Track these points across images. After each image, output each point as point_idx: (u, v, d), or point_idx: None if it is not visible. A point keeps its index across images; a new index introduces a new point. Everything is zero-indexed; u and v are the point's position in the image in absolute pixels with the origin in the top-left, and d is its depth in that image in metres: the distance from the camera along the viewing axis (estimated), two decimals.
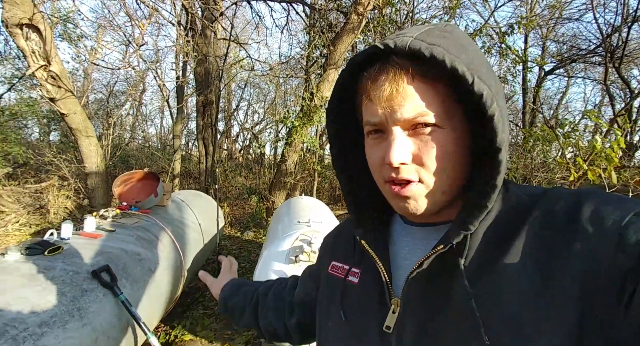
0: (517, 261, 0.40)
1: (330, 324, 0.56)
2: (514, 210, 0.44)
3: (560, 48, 10.89)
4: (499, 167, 0.41)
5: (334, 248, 0.65)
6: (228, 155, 13.29)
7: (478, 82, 0.39)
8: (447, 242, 0.43)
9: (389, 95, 0.42)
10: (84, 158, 4.41)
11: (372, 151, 0.48)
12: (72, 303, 1.60)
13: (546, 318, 0.36)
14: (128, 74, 11.46)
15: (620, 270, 0.34)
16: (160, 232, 2.71)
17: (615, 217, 0.37)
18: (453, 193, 0.47)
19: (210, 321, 3.17)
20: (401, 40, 0.41)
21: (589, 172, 2.80)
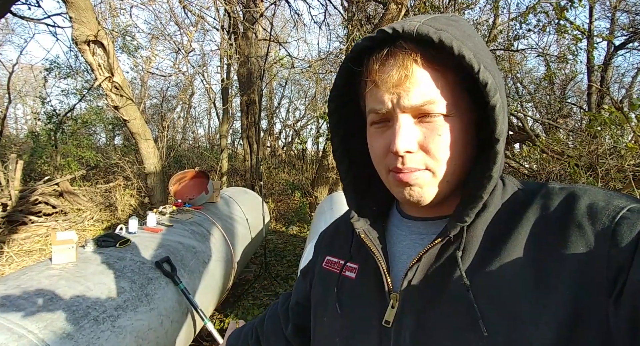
0: (514, 256, 0.40)
1: (326, 319, 0.56)
2: (511, 205, 0.44)
3: (633, 19, 9.63)
4: (495, 157, 0.41)
5: (330, 244, 0.64)
6: (271, 152, 13.70)
7: (483, 71, 0.39)
8: (445, 235, 0.43)
9: (397, 80, 0.41)
10: (144, 160, 4.83)
11: (376, 139, 0.46)
12: (141, 290, 1.79)
13: (542, 311, 0.36)
14: (178, 79, 12.28)
15: (612, 265, 0.34)
16: (212, 227, 2.91)
17: (609, 213, 0.37)
18: (456, 184, 0.46)
19: (260, 311, 3.34)
20: (409, 25, 0.40)
21: None
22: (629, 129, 4.66)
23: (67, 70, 8.72)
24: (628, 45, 9.92)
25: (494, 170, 0.41)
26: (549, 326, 0.36)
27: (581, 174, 3.47)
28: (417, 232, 0.51)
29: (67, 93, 9.29)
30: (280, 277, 4.14)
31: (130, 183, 6.26)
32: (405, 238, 0.52)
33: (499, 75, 0.42)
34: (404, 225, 0.54)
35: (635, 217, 0.35)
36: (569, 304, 0.35)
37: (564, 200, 0.41)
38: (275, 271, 4.30)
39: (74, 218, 5.62)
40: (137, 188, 6.07)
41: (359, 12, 5.33)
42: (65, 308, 1.44)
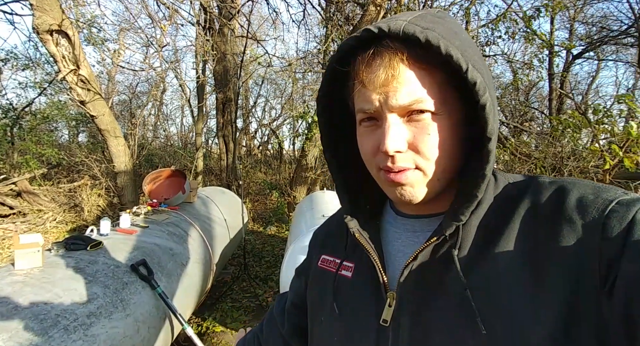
0: (508, 252, 0.40)
1: (323, 318, 0.55)
2: (503, 201, 0.45)
3: (589, 30, 10.35)
4: (488, 156, 0.41)
5: (324, 242, 0.64)
6: (247, 151, 13.48)
7: (472, 70, 0.39)
8: (440, 234, 0.43)
9: (384, 80, 0.40)
10: (113, 158, 4.59)
11: (365, 139, 0.46)
12: (115, 295, 1.69)
13: (538, 307, 0.37)
14: (149, 74, 11.78)
15: (604, 258, 0.35)
16: (189, 228, 2.80)
17: (598, 206, 0.37)
18: (447, 182, 0.46)
19: (239, 313, 3.26)
20: (395, 24, 0.39)
21: (625, 160, 2.67)
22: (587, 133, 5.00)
23: (26, 62, 8.12)
24: (584, 54, 10.67)
25: (487, 168, 0.41)
26: (546, 321, 0.36)
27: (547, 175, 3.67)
28: (412, 230, 0.51)
29: (25, 86, 8.65)
30: (260, 278, 4.07)
31: (97, 183, 5.92)
32: (400, 236, 0.52)
33: (487, 72, 0.42)
34: (398, 223, 0.53)
35: (623, 209, 0.36)
36: (564, 298, 0.36)
37: (554, 194, 0.42)
38: (254, 272, 4.23)
39: (34, 219, 5.23)
40: (106, 188, 5.75)
41: (337, 13, 5.35)
42: (32, 317, 1.32)
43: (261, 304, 3.41)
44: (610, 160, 2.89)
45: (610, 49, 11.01)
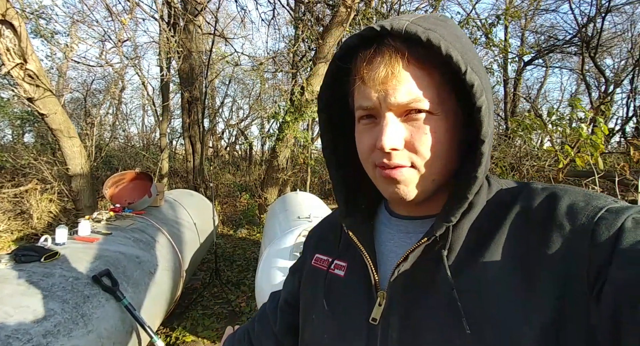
0: (499, 256, 0.41)
1: (314, 316, 0.56)
2: (496, 205, 0.45)
3: (538, 39, 11.18)
4: (481, 158, 0.42)
5: (319, 242, 0.64)
6: (214, 152, 13.07)
7: (470, 72, 0.39)
8: (431, 235, 0.44)
9: (384, 77, 0.41)
10: (67, 160, 4.24)
11: (363, 136, 0.47)
12: (76, 310, 1.55)
13: (528, 311, 0.37)
14: (106, 71, 11.05)
15: (593, 264, 0.35)
16: (157, 233, 2.65)
17: (588, 213, 0.38)
18: (441, 183, 0.46)
19: (211, 321, 3.13)
20: (397, 23, 0.40)
21: (577, 159, 2.89)
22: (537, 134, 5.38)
23: None
24: (534, 61, 11.50)
25: (479, 170, 0.42)
26: (534, 325, 0.36)
27: (507, 174, 3.90)
28: (405, 231, 0.52)
29: None
30: (232, 283, 3.94)
31: (49, 187, 5.43)
32: (392, 237, 0.53)
33: (485, 77, 0.43)
34: (392, 224, 0.54)
35: (613, 217, 0.37)
36: (553, 303, 0.36)
37: (546, 200, 0.42)
38: (226, 277, 4.09)
39: None
40: (58, 193, 5.29)
41: (308, 13, 5.34)
42: None
43: (234, 310, 3.30)
44: (564, 159, 3.12)
45: (557, 56, 11.98)
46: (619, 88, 9.41)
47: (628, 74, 8.98)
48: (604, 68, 9.80)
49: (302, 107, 5.04)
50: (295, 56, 5.71)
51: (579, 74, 10.63)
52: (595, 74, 10.62)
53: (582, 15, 8.64)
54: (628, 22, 9.06)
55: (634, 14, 8.86)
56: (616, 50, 10.40)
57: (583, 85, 11.38)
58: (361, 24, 5.32)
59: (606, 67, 10.41)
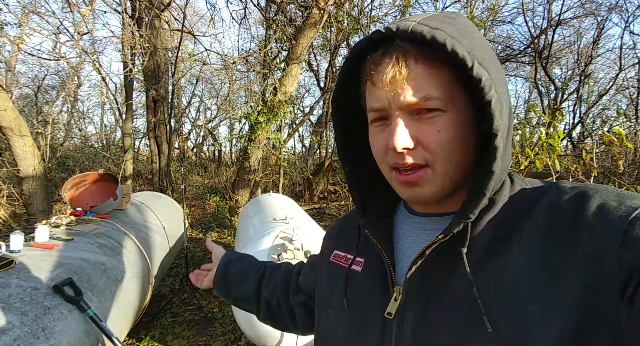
0: (521, 254, 0.40)
1: (331, 311, 0.57)
2: (520, 203, 0.45)
3: (495, 48, 11.91)
4: (495, 152, 0.41)
5: (338, 239, 0.65)
6: (180, 153, 12.59)
7: (477, 67, 0.39)
8: (449, 231, 0.43)
9: (392, 78, 0.41)
10: (18, 161, 3.89)
11: (376, 138, 0.47)
12: (36, 323, 1.42)
13: (548, 312, 0.36)
14: (60, 66, 10.29)
15: (624, 267, 0.34)
16: (124, 238, 2.50)
17: (621, 213, 0.36)
18: (459, 179, 0.46)
19: (182, 328, 3.01)
20: (404, 24, 0.41)
21: (537, 161, 3.10)
22: None
23: None
24: None
25: (494, 165, 0.41)
26: (557, 327, 0.35)
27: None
28: (423, 228, 0.52)
29: None
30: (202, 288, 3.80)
31: None
32: (410, 234, 0.53)
33: (497, 70, 0.42)
34: (410, 221, 0.54)
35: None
36: (578, 305, 0.35)
37: (575, 199, 0.41)
38: None
39: None
40: (7, 196, 4.84)
41: (281, 13, 5.31)
42: None
43: (206, 316, 3.19)
44: (524, 161, 3.34)
45: (512, 65, 12.82)
46: (567, 96, 10.26)
47: (575, 83, 9.81)
48: (554, 77, 10.64)
49: (275, 107, 4.99)
50: (267, 56, 5.65)
51: (532, 82, 11.44)
52: (546, 83, 11.48)
53: (535, 27, 9.36)
54: (575, 35, 9.91)
55: (580, 28, 9.72)
56: (564, 61, 11.33)
57: (535, 92, 12.29)
58: (333, 25, 5.38)
59: (556, 76, 11.31)
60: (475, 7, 10.05)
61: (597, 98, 9.71)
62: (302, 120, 10.65)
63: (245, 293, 0.77)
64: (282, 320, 0.74)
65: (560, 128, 3.04)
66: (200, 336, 2.91)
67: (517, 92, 20.71)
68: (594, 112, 10.16)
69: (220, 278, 0.80)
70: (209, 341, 2.83)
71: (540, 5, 11.24)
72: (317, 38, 6.33)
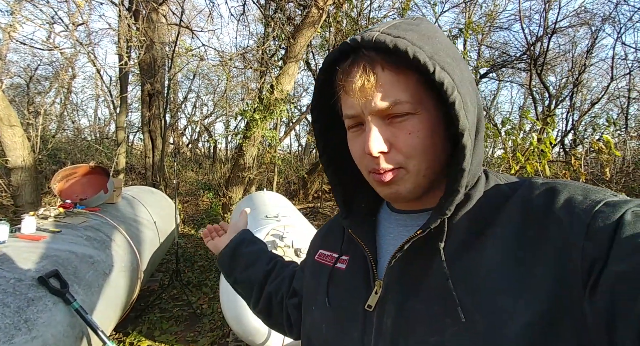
0: (494, 248, 0.42)
1: (315, 308, 0.58)
2: (494, 199, 0.47)
3: (492, 54, 12.01)
4: (464, 150, 0.43)
5: (325, 239, 0.67)
6: (175, 149, 12.49)
7: (439, 71, 0.41)
8: (426, 227, 0.45)
9: (362, 86, 0.44)
10: (7, 151, 3.83)
11: (354, 143, 0.50)
12: (18, 315, 1.40)
13: (519, 301, 0.38)
14: (53, 56, 10.14)
15: (586, 259, 0.35)
16: (113, 231, 2.47)
17: (586, 207, 0.38)
18: (433, 177, 0.48)
19: (170, 324, 2.98)
20: (368, 35, 0.43)
21: (528, 166, 3.14)
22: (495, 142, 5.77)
23: None
24: (488, 74, 12.34)
25: (465, 163, 0.43)
26: (527, 317, 0.37)
27: None
28: (403, 224, 0.54)
29: None
30: (192, 284, 3.78)
31: None
32: (392, 231, 0.55)
33: (460, 73, 0.44)
34: (391, 218, 0.56)
35: (610, 210, 0.36)
36: (548, 297, 0.37)
37: (545, 193, 0.43)
38: (186, 278, 3.91)
39: None
40: None
41: (280, 12, 5.29)
42: None
43: (195, 312, 3.17)
44: (515, 165, 3.38)
45: (508, 71, 12.95)
46: (560, 104, 10.38)
47: (569, 91, 9.93)
48: (548, 84, 10.76)
49: (271, 105, 4.98)
50: (264, 54, 5.63)
51: (526, 88, 11.56)
52: (540, 89, 11.61)
53: (532, 34, 9.44)
54: (570, 43, 10.03)
55: (575, 37, 9.84)
56: (559, 69, 11.47)
57: (530, 99, 12.42)
58: (332, 25, 5.38)
59: (550, 83, 11.44)
60: (474, 13, 10.14)
61: (590, 106, 9.84)
62: (298, 119, 10.64)
63: (249, 278, 0.76)
64: (278, 316, 0.74)
65: (552, 134, 3.08)
66: (189, 331, 2.89)
67: (512, 98, 20.96)
68: (586, 119, 10.30)
69: (228, 254, 0.79)
70: (197, 336, 2.82)
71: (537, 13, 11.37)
72: (316, 37, 6.33)
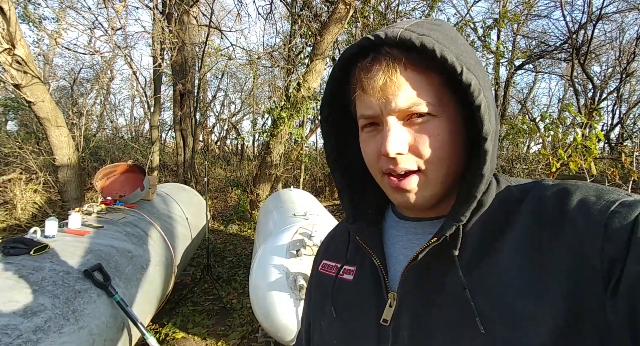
0: (510, 253, 0.41)
1: (323, 322, 0.56)
2: (506, 202, 0.45)
3: (529, 44, 11.35)
4: (485, 156, 0.42)
5: (327, 248, 0.65)
6: (204, 146, 12.90)
7: (466, 72, 0.40)
8: (441, 235, 0.44)
9: (383, 85, 0.42)
10: (54, 150, 4.11)
11: (368, 144, 0.47)
12: (66, 306, 1.50)
13: (539, 308, 0.37)
14: (94, 60, 10.76)
15: (606, 259, 0.35)
16: (149, 227, 2.59)
17: (601, 207, 0.37)
18: (450, 184, 0.47)
19: (202, 317, 3.09)
20: (392, 31, 0.42)
21: (571, 163, 2.94)
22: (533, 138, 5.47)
23: None
24: (524, 66, 11.69)
25: (485, 168, 0.42)
26: (547, 323, 0.36)
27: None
28: (414, 232, 0.52)
29: None
30: (222, 279, 3.90)
31: (34, 177, 5.26)
32: (401, 239, 0.53)
33: (483, 75, 0.43)
34: (400, 226, 0.54)
35: (626, 210, 0.36)
36: (566, 300, 0.36)
37: (557, 195, 0.42)
38: (217, 273, 4.04)
39: None
40: (44, 183, 5.13)
41: (306, 9, 5.29)
42: None
43: (225, 306, 3.27)
44: (556, 163, 3.18)
45: (547, 62, 12.20)
46: (606, 96, 9.66)
47: (615, 81, 9.21)
48: (592, 75, 10.03)
49: (298, 103, 5.00)
50: (291, 52, 5.66)
51: (567, 80, 10.85)
52: (583, 81, 10.86)
53: (574, 22, 8.83)
54: (617, 30, 9.28)
55: (624, 23, 9.09)
56: (604, 58, 10.67)
57: (570, 91, 11.66)
58: (359, 21, 5.31)
59: (594, 74, 10.67)
60: (509, 1, 9.62)
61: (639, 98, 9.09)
62: None
63: None
64: None
65: (599, 129, 2.86)
66: (219, 325, 2.99)
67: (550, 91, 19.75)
68: (635, 112, 9.52)
69: None
70: (227, 331, 2.90)
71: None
72: (342, 33, 6.26)
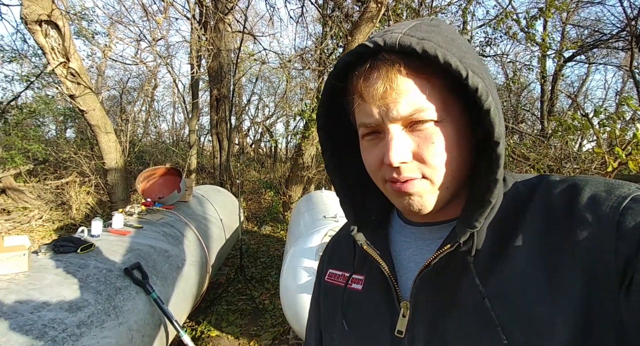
0: (523, 257, 0.39)
1: (335, 335, 0.55)
2: (515, 202, 0.44)
3: (580, 33, 10.46)
4: (498, 160, 0.40)
5: (332, 256, 0.63)
6: (240, 149, 13.32)
7: (472, 76, 0.38)
8: (454, 241, 0.42)
9: (383, 93, 0.40)
10: (104, 155, 4.43)
11: (369, 153, 0.46)
12: (108, 302, 1.58)
13: (556, 311, 0.36)
14: (140, 70, 11.52)
15: (620, 257, 0.34)
16: (185, 228, 2.70)
17: (612, 204, 0.36)
18: (456, 189, 0.45)
19: (235, 317, 3.16)
20: (390, 37, 0.40)
21: (630, 162, 2.65)
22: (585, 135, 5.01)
23: (12, 54, 7.82)
24: (575, 57, 10.77)
25: (499, 173, 0.40)
26: (565, 325, 0.35)
27: None
28: (422, 238, 0.50)
29: (11, 80, 8.33)
30: (255, 280, 3.97)
31: (87, 180, 5.73)
32: (410, 245, 0.51)
33: (488, 76, 0.42)
34: (407, 232, 0.52)
35: (638, 206, 0.34)
36: (581, 300, 0.35)
37: (566, 192, 0.40)
38: (250, 273, 4.12)
39: (19, 217, 5.03)
40: (95, 185, 5.57)
41: (337, 9, 5.26)
42: (17, 329, 1.22)
43: (257, 307, 3.32)
44: (613, 162, 2.87)
45: (601, 52, 11.16)
46: None
47: None
48: None
49: None
50: (322, 53, 5.66)
51: (626, 70, 9.84)
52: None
53: (632, 7, 7.99)
54: None
55: None
56: None
57: (630, 83, 10.57)
58: (391, 19, 5.19)
59: None
60: None
61: None
62: None
63: None
64: None
65: None
66: (252, 325, 3.04)
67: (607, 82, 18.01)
68: None
69: None
70: (259, 331, 2.94)
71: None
72: (375, 31, 6.17)
